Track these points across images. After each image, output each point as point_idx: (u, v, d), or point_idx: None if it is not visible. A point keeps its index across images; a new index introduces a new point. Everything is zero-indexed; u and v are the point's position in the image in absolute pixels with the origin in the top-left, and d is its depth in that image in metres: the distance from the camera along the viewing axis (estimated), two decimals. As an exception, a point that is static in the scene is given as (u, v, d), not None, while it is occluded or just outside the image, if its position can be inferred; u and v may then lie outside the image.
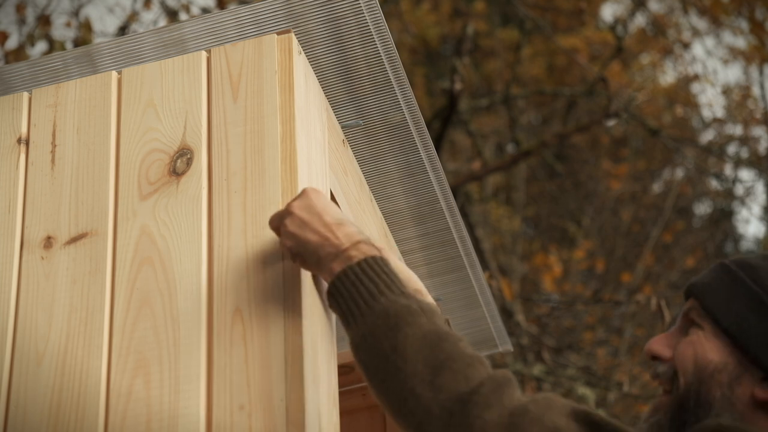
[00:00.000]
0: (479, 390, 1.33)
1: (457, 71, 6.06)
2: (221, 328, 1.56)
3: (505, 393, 1.34)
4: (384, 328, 1.42)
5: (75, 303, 1.64)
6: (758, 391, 1.46)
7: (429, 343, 1.39)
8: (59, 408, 1.57)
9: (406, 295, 1.46)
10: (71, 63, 1.89)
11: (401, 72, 1.95)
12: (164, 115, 1.75)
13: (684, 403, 1.51)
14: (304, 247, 1.53)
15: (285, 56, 1.75)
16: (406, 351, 1.39)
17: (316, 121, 1.82)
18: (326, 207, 1.56)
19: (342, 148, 2.02)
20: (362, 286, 1.47)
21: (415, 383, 1.37)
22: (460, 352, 1.38)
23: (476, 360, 1.38)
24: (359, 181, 2.13)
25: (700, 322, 1.54)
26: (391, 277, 1.48)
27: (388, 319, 1.43)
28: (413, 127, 2.08)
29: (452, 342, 1.40)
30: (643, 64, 9.96)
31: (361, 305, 1.46)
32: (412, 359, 1.38)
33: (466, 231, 2.43)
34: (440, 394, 1.34)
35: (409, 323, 1.41)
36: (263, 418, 1.48)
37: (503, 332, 2.74)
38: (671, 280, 9.07)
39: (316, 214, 1.54)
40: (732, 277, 1.54)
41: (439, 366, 1.37)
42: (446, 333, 1.41)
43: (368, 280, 1.48)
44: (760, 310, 1.49)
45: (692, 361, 1.52)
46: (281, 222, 1.56)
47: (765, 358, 1.46)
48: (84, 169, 1.75)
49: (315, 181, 1.74)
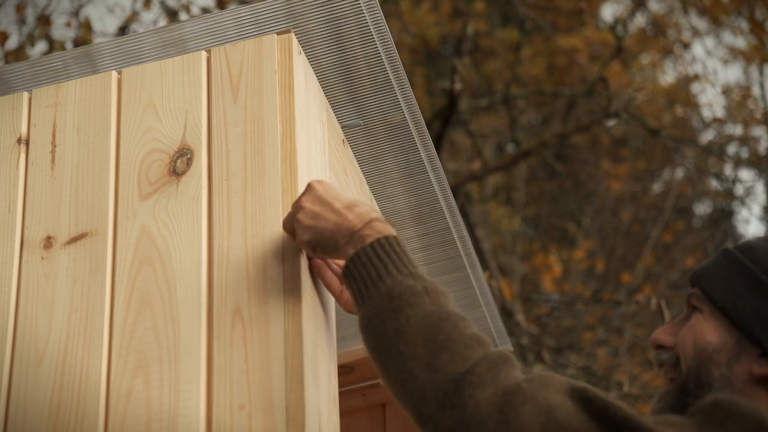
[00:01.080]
0: (473, 370, 1.33)
1: (457, 71, 6.06)
2: (221, 328, 1.56)
3: (501, 372, 1.34)
4: (388, 310, 1.43)
5: (75, 303, 1.64)
6: (756, 367, 1.48)
7: (430, 324, 1.39)
8: (59, 408, 1.57)
9: (413, 276, 1.46)
10: (71, 63, 1.89)
11: (401, 72, 1.95)
12: (164, 115, 1.75)
13: (686, 387, 1.52)
14: (321, 236, 1.54)
15: (285, 56, 1.75)
16: (407, 333, 1.39)
17: (316, 121, 1.82)
18: (334, 194, 1.57)
19: (342, 148, 2.02)
20: (372, 268, 1.48)
21: (414, 365, 1.37)
22: (460, 333, 1.38)
23: (476, 340, 1.38)
24: (359, 181, 2.13)
25: (699, 306, 1.57)
26: (401, 257, 1.48)
27: (392, 301, 1.43)
28: (413, 127, 2.08)
29: (453, 322, 1.40)
30: (643, 64, 9.96)
31: (369, 287, 1.47)
32: (411, 341, 1.39)
33: (466, 231, 2.43)
34: (436, 375, 1.35)
35: (412, 304, 1.42)
36: (263, 418, 1.48)
37: (503, 332, 2.74)
38: (671, 280, 9.07)
39: (326, 203, 1.55)
40: (730, 259, 1.56)
41: (438, 347, 1.37)
42: (448, 313, 1.41)
43: (378, 260, 1.48)
44: (755, 287, 1.51)
45: (692, 345, 1.53)
46: (294, 220, 1.56)
47: (760, 334, 1.48)
48: (84, 169, 1.75)
49: None
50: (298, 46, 1.78)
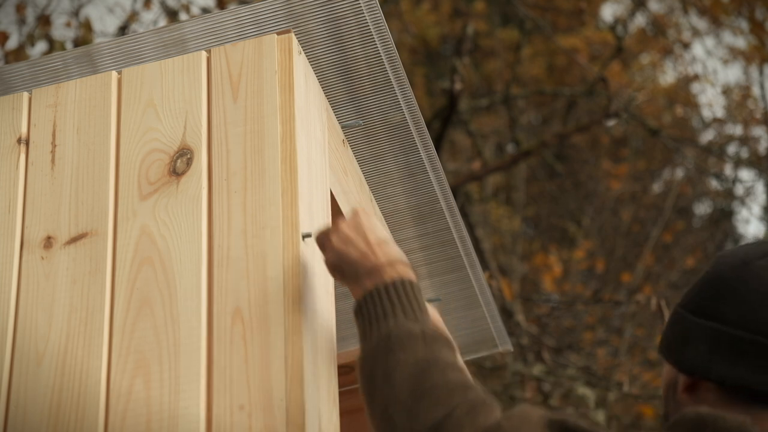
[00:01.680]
0: (452, 413, 1.33)
1: (457, 71, 6.06)
2: (221, 328, 1.56)
3: (480, 414, 1.34)
4: (382, 350, 1.44)
5: (75, 303, 1.64)
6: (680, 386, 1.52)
7: (418, 371, 1.39)
8: (59, 408, 1.57)
9: (417, 320, 1.47)
10: (71, 63, 1.89)
11: (401, 72, 1.95)
12: (164, 115, 1.75)
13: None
14: (344, 261, 1.57)
15: (285, 56, 1.75)
16: (394, 376, 1.40)
17: (316, 121, 1.82)
18: (373, 227, 1.59)
19: (342, 148, 2.02)
20: (380, 307, 1.49)
21: (395, 410, 1.37)
22: (446, 380, 1.38)
23: (461, 386, 1.38)
24: (359, 181, 2.13)
25: None
26: (411, 301, 1.50)
27: (388, 342, 1.44)
28: (413, 127, 2.08)
29: (441, 370, 1.40)
30: (643, 64, 9.96)
31: (373, 324, 1.48)
32: (398, 385, 1.39)
33: (466, 231, 2.43)
34: (415, 422, 1.35)
35: (405, 348, 1.42)
36: (263, 417, 1.49)
37: (503, 332, 2.73)
38: (671, 280, 9.07)
39: (362, 233, 1.58)
40: None
41: (421, 394, 1.37)
42: (437, 360, 1.41)
43: (388, 301, 1.50)
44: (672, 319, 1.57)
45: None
46: (327, 238, 1.60)
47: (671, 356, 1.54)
48: (84, 169, 1.75)
49: (315, 181, 1.74)
50: (298, 46, 1.78)
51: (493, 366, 6.09)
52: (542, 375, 5.80)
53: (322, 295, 1.65)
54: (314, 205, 1.71)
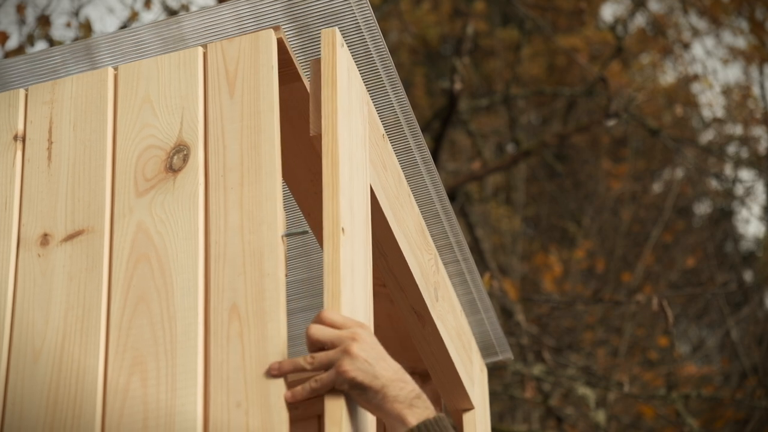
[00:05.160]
0: None
1: (457, 71, 6.05)
2: (218, 324, 1.56)
3: None
4: None
5: (71, 300, 1.64)
6: None
7: None
8: (56, 405, 1.57)
9: None
10: (69, 59, 1.89)
11: (393, 72, 1.93)
12: (160, 111, 1.75)
13: None
14: (375, 380, 1.49)
15: (329, 50, 1.73)
16: None
17: (358, 115, 1.81)
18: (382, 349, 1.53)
19: (382, 143, 1.98)
20: None
21: None
22: None
23: None
24: (398, 176, 2.09)
25: None
26: None
27: None
28: (407, 128, 2.05)
29: None
30: (643, 64, 9.95)
31: None
32: None
33: (463, 236, 2.36)
34: None
35: None
36: (260, 414, 1.48)
37: (503, 340, 2.65)
38: (671, 280, 9.06)
39: (383, 351, 1.51)
40: None
41: None
42: None
43: None
44: None
45: None
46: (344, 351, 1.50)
47: None
48: (80, 166, 1.75)
49: (355, 175, 1.72)
50: (341, 39, 1.77)
51: (493, 366, 6.08)
52: (542, 375, 5.79)
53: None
54: (354, 200, 1.70)
